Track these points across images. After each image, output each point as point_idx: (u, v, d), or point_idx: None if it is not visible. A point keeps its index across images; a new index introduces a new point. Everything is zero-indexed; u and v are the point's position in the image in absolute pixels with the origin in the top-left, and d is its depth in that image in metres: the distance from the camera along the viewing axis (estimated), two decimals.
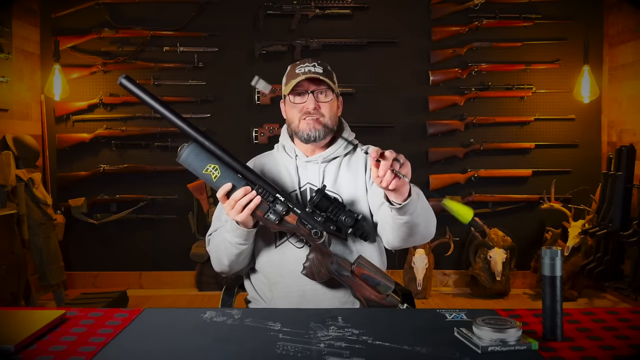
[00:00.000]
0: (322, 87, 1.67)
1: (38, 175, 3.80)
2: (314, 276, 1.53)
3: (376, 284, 1.50)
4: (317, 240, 1.49)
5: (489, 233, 4.04)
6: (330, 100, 1.68)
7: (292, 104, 1.68)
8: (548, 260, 1.18)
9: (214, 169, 1.43)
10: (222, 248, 1.61)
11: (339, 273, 1.51)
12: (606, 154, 4.16)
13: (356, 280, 1.50)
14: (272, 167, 1.74)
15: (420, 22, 4.28)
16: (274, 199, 1.46)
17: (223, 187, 1.45)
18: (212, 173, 1.43)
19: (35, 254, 3.68)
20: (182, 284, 4.27)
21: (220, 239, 1.62)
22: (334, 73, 1.73)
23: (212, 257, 1.69)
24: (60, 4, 4.15)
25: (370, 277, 1.50)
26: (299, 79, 1.64)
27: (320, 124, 1.66)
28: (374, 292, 1.50)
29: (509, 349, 1.10)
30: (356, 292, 1.51)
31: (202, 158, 1.43)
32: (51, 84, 4.05)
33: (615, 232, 3.67)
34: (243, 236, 1.55)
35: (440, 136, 4.28)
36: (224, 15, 4.25)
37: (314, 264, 1.52)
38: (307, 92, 1.66)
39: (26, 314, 1.32)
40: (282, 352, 1.10)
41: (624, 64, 4.12)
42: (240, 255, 1.60)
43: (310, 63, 1.68)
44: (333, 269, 1.51)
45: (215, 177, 1.43)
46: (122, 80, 1.42)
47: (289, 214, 1.47)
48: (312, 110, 1.65)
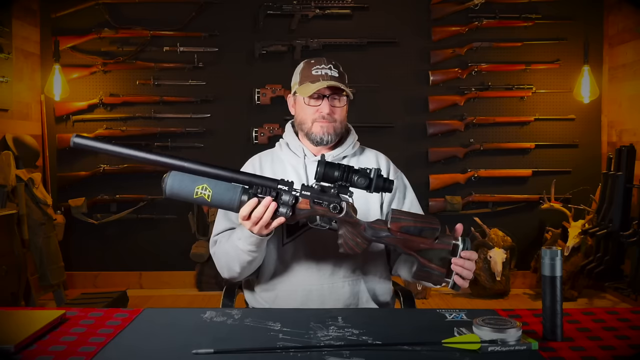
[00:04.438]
0: (338, 93, 1.66)
1: (38, 175, 3.80)
2: (353, 249, 1.39)
3: (420, 231, 1.36)
4: (338, 214, 1.35)
5: (489, 233, 4.04)
6: (343, 106, 1.68)
7: (306, 105, 1.67)
8: (548, 260, 1.18)
9: (204, 189, 1.32)
10: (233, 255, 1.55)
11: (378, 236, 1.37)
12: (606, 154, 4.16)
13: (398, 236, 1.36)
14: (278, 165, 1.73)
15: (420, 22, 4.28)
16: (277, 192, 1.35)
17: (242, 211, 1.34)
18: (204, 194, 1.32)
19: (35, 254, 3.68)
20: (182, 284, 4.27)
21: (231, 245, 1.55)
22: (345, 75, 1.72)
23: (220, 263, 1.62)
24: (60, 4, 4.15)
25: (410, 227, 1.36)
26: (319, 84, 1.62)
27: (332, 128, 1.66)
28: (421, 239, 1.36)
29: (509, 349, 1.10)
30: (404, 248, 1.37)
31: (186, 184, 1.32)
32: (51, 84, 4.05)
33: (615, 232, 3.67)
34: (256, 244, 1.48)
35: (440, 136, 4.28)
36: (224, 15, 4.25)
37: (347, 238, 1.38)
38: (323, 96, 1.65)
39: (26, 314, 1.32)
40: (282, 352, 1.10)
41: (624, 64, 4.12)
42: (253, 262, 1.56)
43: (326, 65, 1.66)
44: (369, 235, 1.38)
45: (208, 197, 1.32)
46: (74, 140, 1.29)
47: (299, 200, 1.36)
48: (326, 115, 1.65)
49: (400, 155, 4.03)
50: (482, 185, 4.29)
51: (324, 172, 1.34)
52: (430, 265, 1.36)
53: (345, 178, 1.34)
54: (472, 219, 4.10)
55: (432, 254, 1.36)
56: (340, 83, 1.65)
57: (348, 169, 1.34)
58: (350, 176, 1.34)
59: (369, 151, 1.79)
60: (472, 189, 4.29)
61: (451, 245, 1.36)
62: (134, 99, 4.22)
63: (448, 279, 1.37)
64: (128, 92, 4.23)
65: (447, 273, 1.37)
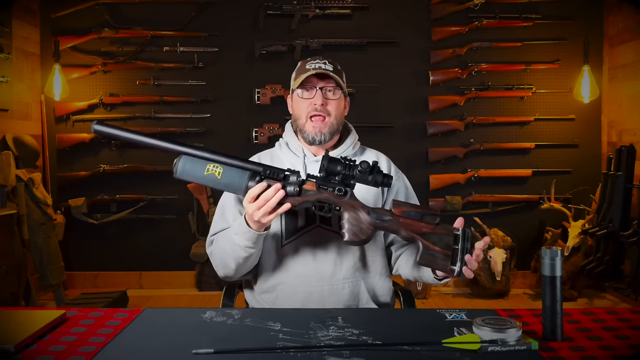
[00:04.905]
0: (331, 84, 1.66)
1: (38, 175, 3.80)
2: (358, 235, 1.40)
3: (422, 216, 1.40)
4: (343, 197, 1.40)
5: (489, 233, 4.04)
6: (337, 99, 1.68)
7: (299, 98, 1.68)
8: (548, 260, 1.19)
9: (215, 167, 1.38)
10: (229, 251, 1.56)
11: (381, 220, 1.40)
12: (606, 154, 4.16)
13: (401, 221, 1.39)
14: (277, 165, 1.73)
15: (420, 22, 4.28)
16: (285, 175, 1.40)
17: (252, 190, 1.38)
18: (215, 171, 1.38)
19: (35, 254, 3.68)
20: (182, 284, 4.27)
21: (227, 241, 1.56)
22: (343, 73, 1.72)
23: (215, 261, 1.63)
24: (60, 4, 4.15)
25: (412, 212, 1.40)
26: (308, 73, 1.64)
27: (326, 125, 1.66)
28: (423, 224, 1.38)
29: (509, 349, 1.10)
30: (406, 231, 1.38)
31: (198, 162, 1.38)
32: (51, 84, 4.05)
33: (615, 232, 3.67)
34: (253, 239, 1.49)
35: (440, 136, 4.28)
36: (224, 15, 4.25)
37: (352, 224, 1.40)
38: (315, 87, 1.66)
39: (26, 314, 1.32)
40: (282, 352, 1.10)
41: (624, 64, 4.12)
42: (249, 259, 1.56)
43: (321, 60, 1.68)
44: (373, 219, 1.40)
45: (219, 174, 1.37)
46: (95, 127, 1.36)
47: (306, 182, 1.41)
48: (319, 106, 1.65)
49: (400, 155, 4.02)
50: (482, 185, 4.29)
51: (327, 166, 1.40)
52: (434, 248, 1.37)
53: (348, 170, 1.40)
54: (472, 219, 4.10)
55: (436, 238, 1.38)
56: (333, 74, 1.64)
57: (350, 163, 1.40)
58: (352, 170, 1.40)
59: (369, 151, 1.79)
60: (472, 189, 4.29)
61: (453, 231, 1.38)
62: (134, 99, 4.22)
63: (453, 265, 1.38)
64: (128, 92, 4.23)
65: (451, 260, 1.38)
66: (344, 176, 1.40)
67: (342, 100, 1.70)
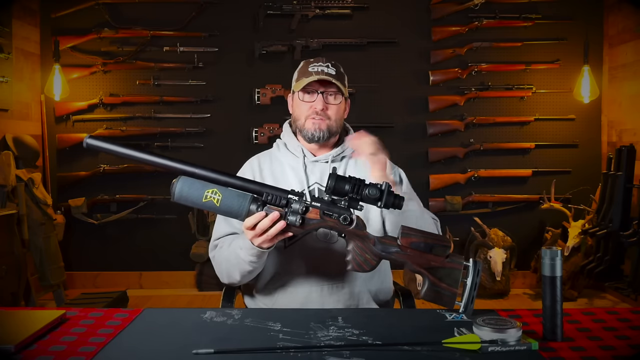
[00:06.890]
0: (332, 89, 1.67)
1: (38, 175, 3.80)
2: (362, 266, 1.35)
3: (431, 248, 1.32)
4: (348, 226, 1.33)
5: (489, 233, 4.04)
6: (338, 103, 1.68)
7: (300, 101, 1.68)
8: (548, 260, 1.19)
9: (213, 193, 1.30)
10: (234, 262, 1.54)
11: (387, 252, 1.33)
12: (606, 154, 4.16)
13: (408, 252, 1.32)
14: (277, 167, 1.72)
15: (420, 22, 4.28)
16: (287, 201, 1.33)
17: (248, 221, 1.33)
18: (213, 198, 1.30)
19: (35, 254, 3.68)
20: (182, 284, 4.27)
21: (232, 253, 1.54)
22: (345, 75, 1.72)
23: (219, 268, 1.62)
24: (60, 4, 4.15)
25: (421, 243, 1.32)
26: (311, 78, 1.64)
27: (326, 125, 1.66)
28: (432, 257, 1.31)
29: (509, 349, 1.10)
30: (413, 264, 1.32)
31: (196, 187, 1.31)
32: (51, 84, 4.05)
33: (615, 232, 3.67)
34: (257, 255, 1.47)
35: (440, 136, 4.28)
36: (224, 15, 4.25)
37: (356, 254, 1.34)
38: (317, 92, 1.66)
39: (26, 314, 1.32)
40: (282, 352, 1.10)
41: (624, 64, 4.12)
42: (253, 272, 1.56)
43: (324, 63, 1.67)
44: (379, 250, 1.33)
45: (217, 202, 1.30)
46: (87, 141, 1.32)
47: (309, 210, 1.34)
48: (320, 111, 1.65)
49: (400, 156, 4.03)
50: (482, 185, 4.29)
51: (334, 185, 1.32)
52: (440, 284, 1.30)
53: (356, 191, 1.32)
54: (472, 219, 4.11)
55: (443, 273, 1.31)
56: (335, 80, 1.65)
57: (359, 182, 1.32)
58: (361, 190, 1.32)
59: None
60: (472, 189, 4.29)
61: (462, 266, 1.31)
62: (134, 99, 4.22)
63: (459, 301, 1.30)
64: (128, 92, 4.23)
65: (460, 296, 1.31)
66: (351, 199, 1.32)
67: (342, 104, 1.70)
